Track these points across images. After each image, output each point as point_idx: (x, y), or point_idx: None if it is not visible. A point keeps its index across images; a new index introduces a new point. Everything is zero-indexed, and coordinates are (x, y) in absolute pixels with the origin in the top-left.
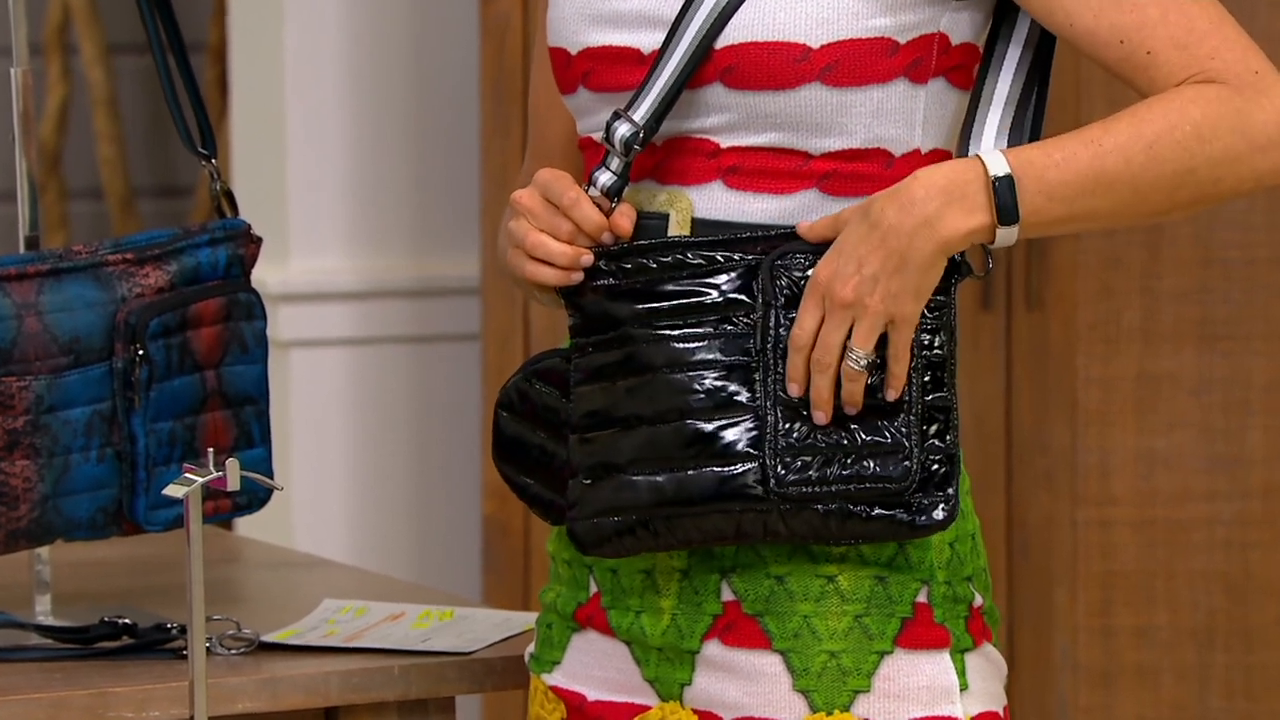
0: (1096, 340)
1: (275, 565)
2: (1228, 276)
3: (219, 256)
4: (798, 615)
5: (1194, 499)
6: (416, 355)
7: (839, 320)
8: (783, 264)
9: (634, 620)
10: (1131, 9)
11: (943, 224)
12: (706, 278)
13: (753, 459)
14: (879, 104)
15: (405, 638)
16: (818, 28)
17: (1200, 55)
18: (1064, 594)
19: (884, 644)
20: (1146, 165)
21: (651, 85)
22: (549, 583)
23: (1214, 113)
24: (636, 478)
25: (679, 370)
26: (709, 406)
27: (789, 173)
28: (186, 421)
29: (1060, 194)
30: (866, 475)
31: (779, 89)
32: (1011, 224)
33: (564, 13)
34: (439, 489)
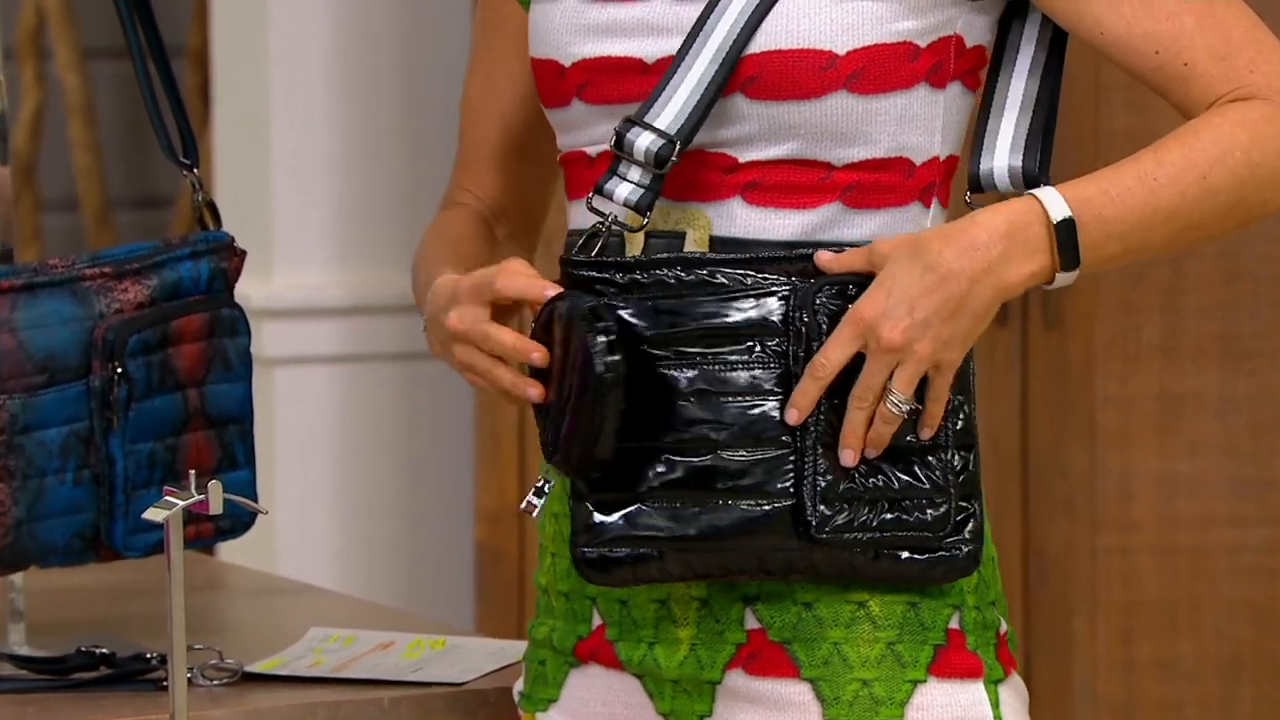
0: (1116, 358)
1: (259, 592)
2: (1254, 291)
3: (201, 270)
4: (828, 642)
5: (1219, 524)
6: (406, 373)
7: (884, 363)
8: (828, 294)
9: (647, 652)
10: (1166, 18)
11: (1006, 270)
12: (734, 300)
13: (788, 497)
14: (902, 111)
15: (395, 668)
16: (843, 34)
17: (1239, 67)
18: (1083, 624)
19: (917, 672)
20: (1200, 196)
21: (671, 94)
22: (537, 617)
23: (1262, 134)
24: (656, 509)
25: (706, 398)
26: (741, 439)
27: (811, 186)
28: (167, 442)
29: (1117, 231)
30: (907, 523)
31: (804, 98)
32: (1073, 269)
33: (553, 23)
34: (430, 513)
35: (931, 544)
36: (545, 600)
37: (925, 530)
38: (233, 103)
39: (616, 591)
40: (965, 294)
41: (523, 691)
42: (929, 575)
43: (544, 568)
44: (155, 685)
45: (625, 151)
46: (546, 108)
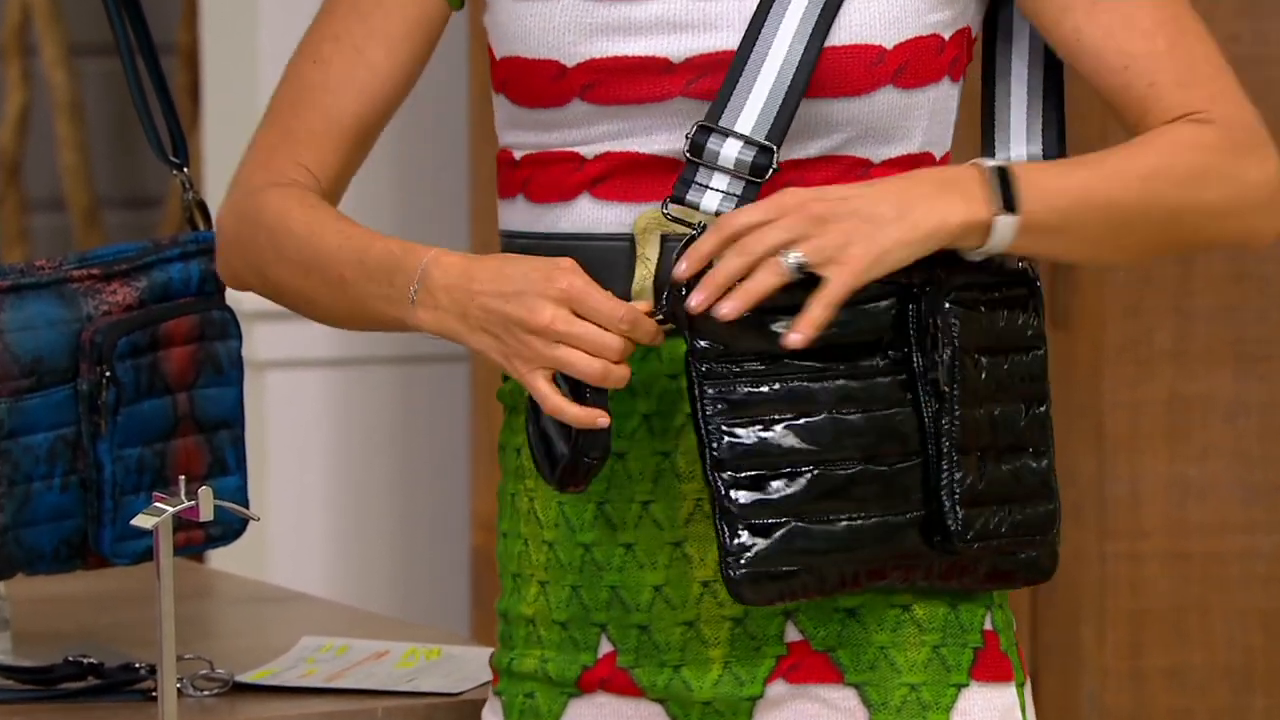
0: (1125, 362)
1: (250, 600)
2: (1265, 293)
3: (191, 272)
4: (873, 646)
5: (1230, 531)
6: (401, 377)
7: (793, 228)
8: (954, 298)
9: (673, 676)
10: (1142, 36)
11: (941, 200)
12: (863, 307)
13: (927, 504)
14: (933, 104)
15: (389, 678)
16: (891, 26)
17: (1199, 98)
18: (1091, 633)
19: (960, 676)
20: (1142, 196)
21: (746, 96)
22: (513, 649)
23: (1208, 161)
24: (811, 525)
25: (848, 408)
26: (882, 447)
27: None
28: (156, 447)
29: (1056, 203)
30: (1032, 521)
31: (854, 95)
32: (1011, 212)
33: (550, 23)
34: (425, 519)
35: (1037, 544)
36: (528, 631)
37: (1038, 531)
38: (223, 101)
39: (635, 617)
40: (903, 210)
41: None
42: (1023, 577)
43: (527, 597)
44: (144, 696)
45: (705, 159)
46: (524, 106)
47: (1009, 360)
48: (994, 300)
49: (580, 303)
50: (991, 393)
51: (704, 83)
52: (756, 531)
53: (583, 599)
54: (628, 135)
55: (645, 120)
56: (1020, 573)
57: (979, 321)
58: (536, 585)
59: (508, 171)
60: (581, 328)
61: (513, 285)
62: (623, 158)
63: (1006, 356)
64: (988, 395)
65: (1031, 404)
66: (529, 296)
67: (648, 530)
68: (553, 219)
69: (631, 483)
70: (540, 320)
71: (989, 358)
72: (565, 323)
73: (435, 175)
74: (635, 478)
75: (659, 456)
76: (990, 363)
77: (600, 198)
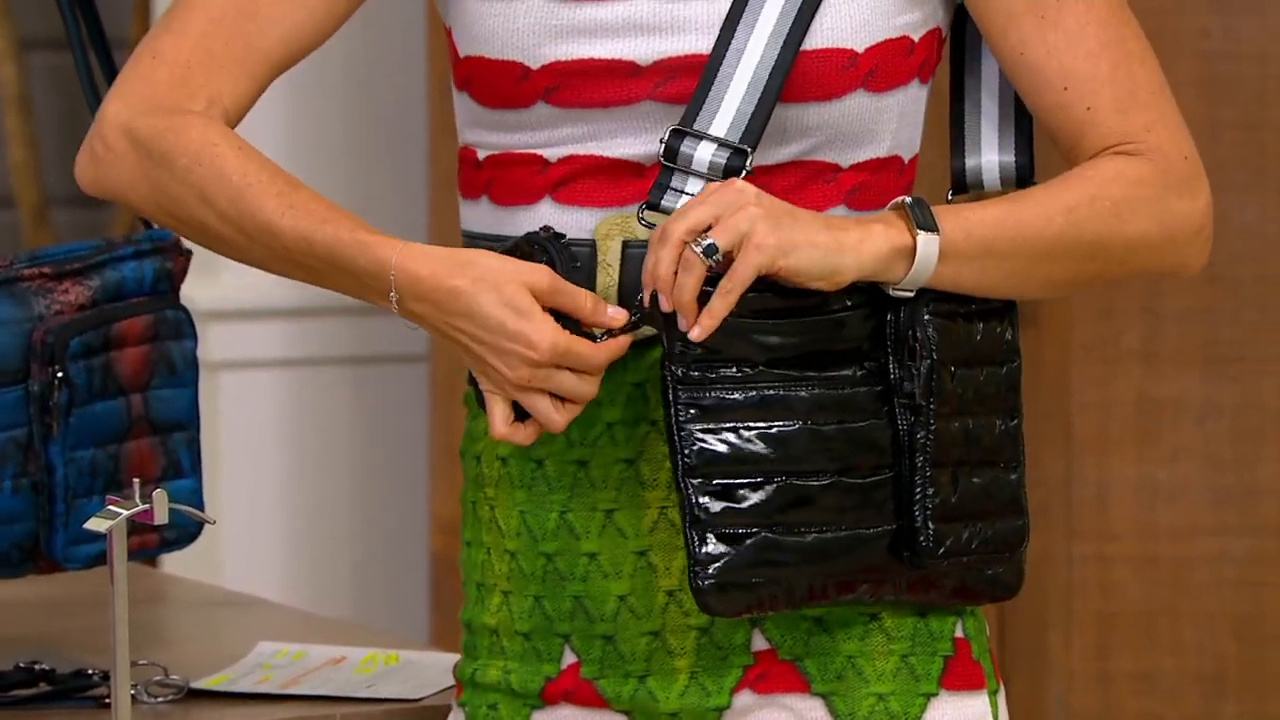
0: (1094, 362)
1: (205, 605)
2: (1237, 294)
3: (145, 271)
4: (841, 655)
5: (1200, 534)
6: (358, 377)
7: (714, 201)
8: (939, 309)
9: (638, 687)
10: (1085, 57)
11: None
12: (839, 317)
13: (899, 517)
14: (902, 108)
15: (347, 684)
16: (861, 30)
17: (1136, 125)
18: (1058, 637)
19: (930, 685)
20: (1065, 229)
21: (720, 99)
22: (476, 659)
23: (1135, 195)
24: (782, 535)
25: (823, 418)
26: (857, 458)
27: (818, 189)
28: (110, 449)
29: (977, 232)
30: (1002, 537)
31: (825, 99)
32: (931, 230)
33: (514, 24)
34: (383, 523)
35: (1005, 560)
36: (491, 641)
37: (1008, 548)
38: None
39: (599, 627)
40: (819, 222)
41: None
42: (989, 594)
43: (490, 607)
44: (97, 703)
45: (680, 163)
46: (487, 106)
47: (984, 373)
48: (971, 312)
49: (564, 358)
50: (967, 406)
51: (672, 86)
52: (725, 540)
53: (546, 609)
54: (592, 139)
55: (611, 124)
56: (986, 590)
57: (957, 333)
58: (499, 595)
59: (470, 171)
60: (559, 381)
61: (490, 335)
62: (586, 161)
63: (982, 369)
64: (963, 408)
65: (1005, 417)
66: (506, 355)
67: (611, 539)
68: (516, 222)
69: (594, 491)
70: (518, 377)
71: (965, 370)
72: (543, 380)
73: (393, 170)
74: (598, 485)
75: (622, 464)
76: (966, 375)
77: (562, 202)
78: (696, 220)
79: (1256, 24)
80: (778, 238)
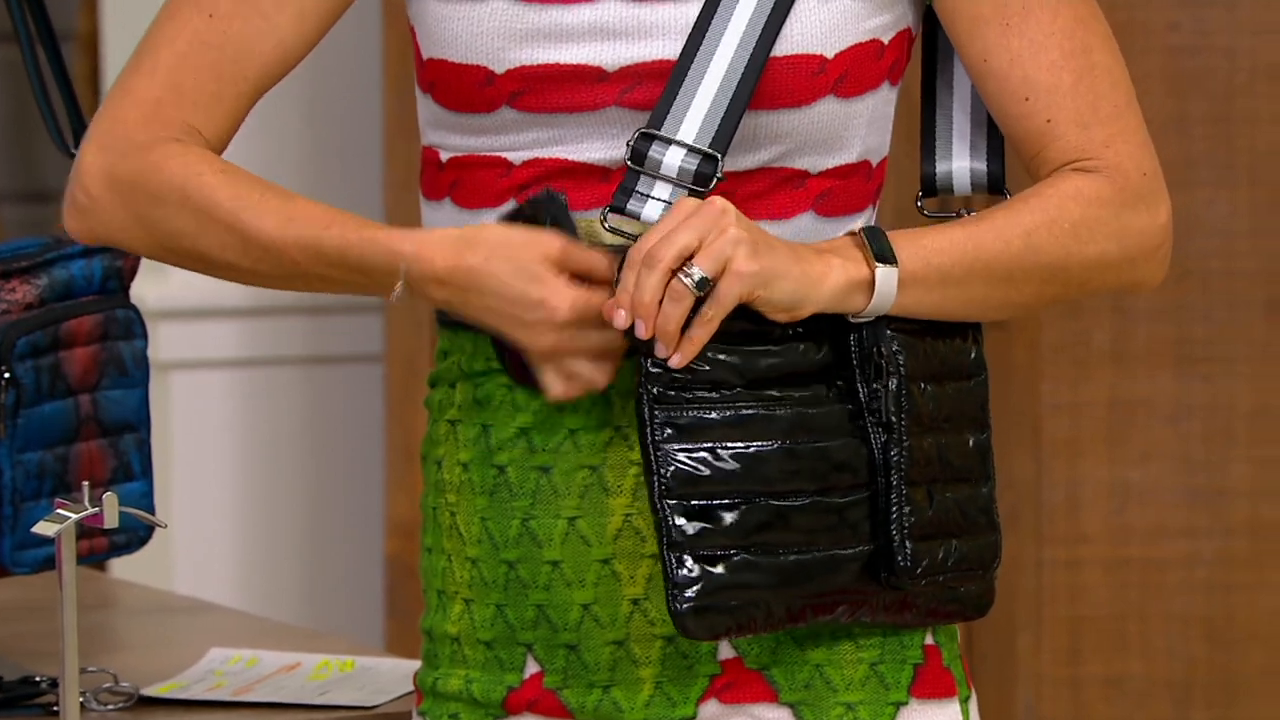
0: (1064, 363)
1: (156, 611)
2: (1208, 292)
3: (94, 269)
4: (809, 665)
5: (1171, 536)
6: (311, 378)
7: (695, 224)
8: (897, 326)
9: (602, 697)
10: (1048, 68)
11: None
12: (807, 336)
13: (876, 537)
14: (872, 112)
15: (301, 690)
16: (830, 35)
17: (1096, 140)
18: (1028, 641)
19: (899, 694)
20: (1023, 253)
21: (688, 104)
22: (437, 667)
23: (1093, 215)
24: (759, 557)
25: (801, 438)
26: (832, 479)
27: (786, 195)
28: (58, 451)
29: (935, 260)
30: (976, 555)
31: (794, 106)
32: (890, 263)
33: (479, 27)
34: (337, 526)
35: (977, 578)
36: (452, 649)
37: (981, 565)
38: None
39: (563, 636)
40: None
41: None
42: (961, 612)
43: (450, 615)
44: (45, 710)
45: (647, 168)
46: (451, 110)
47: (953, 388)
48: (935, 328)
49: (587, 315)
50: (938, 422)
51: (639, 92)
52: (703, 562)
53: (508, 618)
54: (558, 143)
55: (577, 129)
56: (958, 610)
57: (922, 350)
58: (461, 603)
59: (433, 171)
60: (588, 340)
61: (512, 307)
62: (551, 164)
63: (950, 385)
64: (934, 425)
65: (975, 432)
66: (531, 326)
67: (574, 547)
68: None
69: (558, 498)
70: (547, 343)
71: (934, 386)
72: (572, 341)
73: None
74: (561, 492)
75: (586, 470)
76: (936, 391)
77: None
78: (685, 246)
79: (1225, 17)
80: (759, 265)
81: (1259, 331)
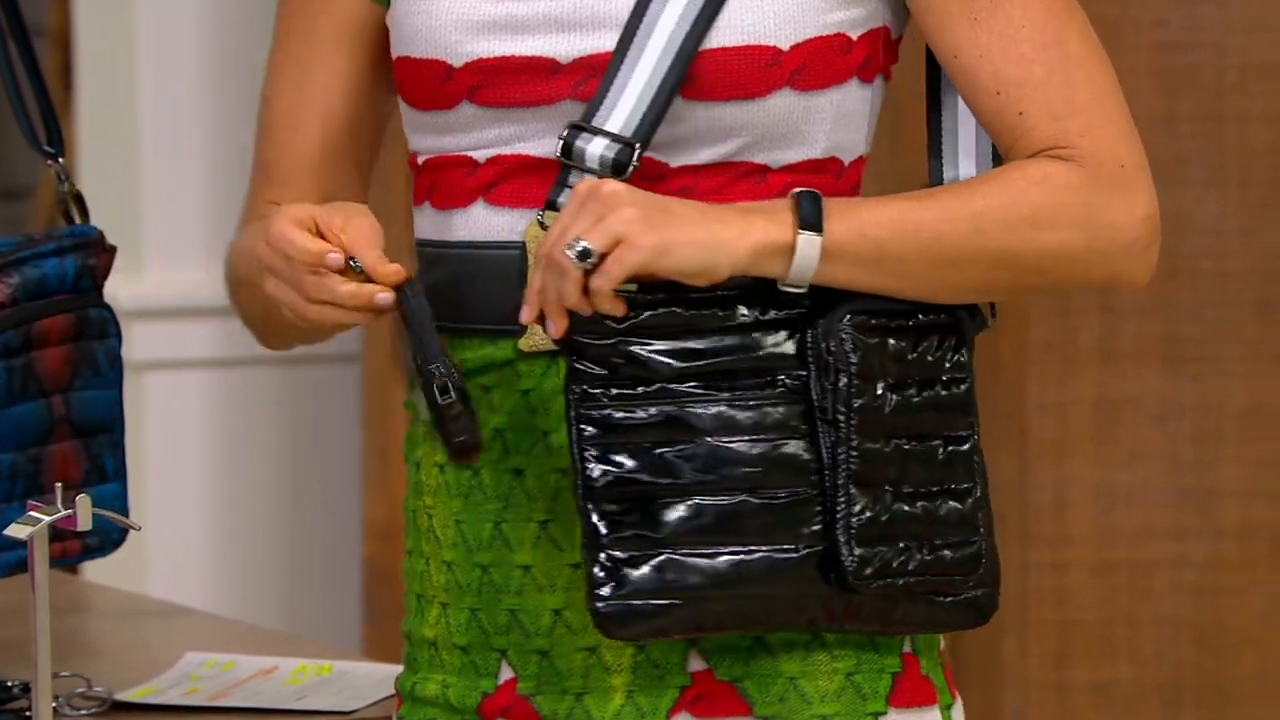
0: (1050, 362)
1: (130, 614)
2: (1197, 290)
3: (67, 267)
4: (783, 677)
5: (1159, 538)
6: (288, 378)
7: (590, 209)
8: (852, 322)
9: (574, 704)
10: (1018, 60)
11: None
12: (754, 332)
13: (819, 540)
14: (838, 108)
15: (278, 695)
16: (786, 26)
17: (1070, 130)
18: (1013, 645)
19: (877, 704)
20: (968, 234)
21: (619, 95)
22: (416, 672)
23: (1057, 201)
24: (687, 557)
25: (734, 436)
26: (770, 478)
27: (745, 192)
28: (30, 453)
29: (871, 232)
30: (944, 562)
31: (748, 98)
32: (815, 230)
33: (436, 21)
34: (314, 528)
35: (959, 586)
36: (430, 654)
37: (958, 572)
38: (97, 86)
39: (535, 641)
40: (695, 215)
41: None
42: (954, 621)
43: (428, 619)
44: (17, 716)
45: (575, 160)
46: (418, 109)
47: (922, 394)
48: (904, 328)
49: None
50: (900, 426)
51: (591, 85)
52: (626, 563)
53: (482, 622)
54: (519, 139)
55: (536, 124)
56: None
57: (883, 350)
58: (438, 607)
59: (416, 177)
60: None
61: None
62: (513, 161)
63: (919, 389)
64: (895, 428)
65: (950, 442)
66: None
67: (546, 551)
68: (451, 226)
69: (529, 502)
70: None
71: (897, 389)
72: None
73: None
74: (533, 496)
75: (557, 474)
76: (898, 395)
77: (493, 203)
78: (574, 231)
79: (1215, 13)
80: (655, 238)
81: (1249, 330)
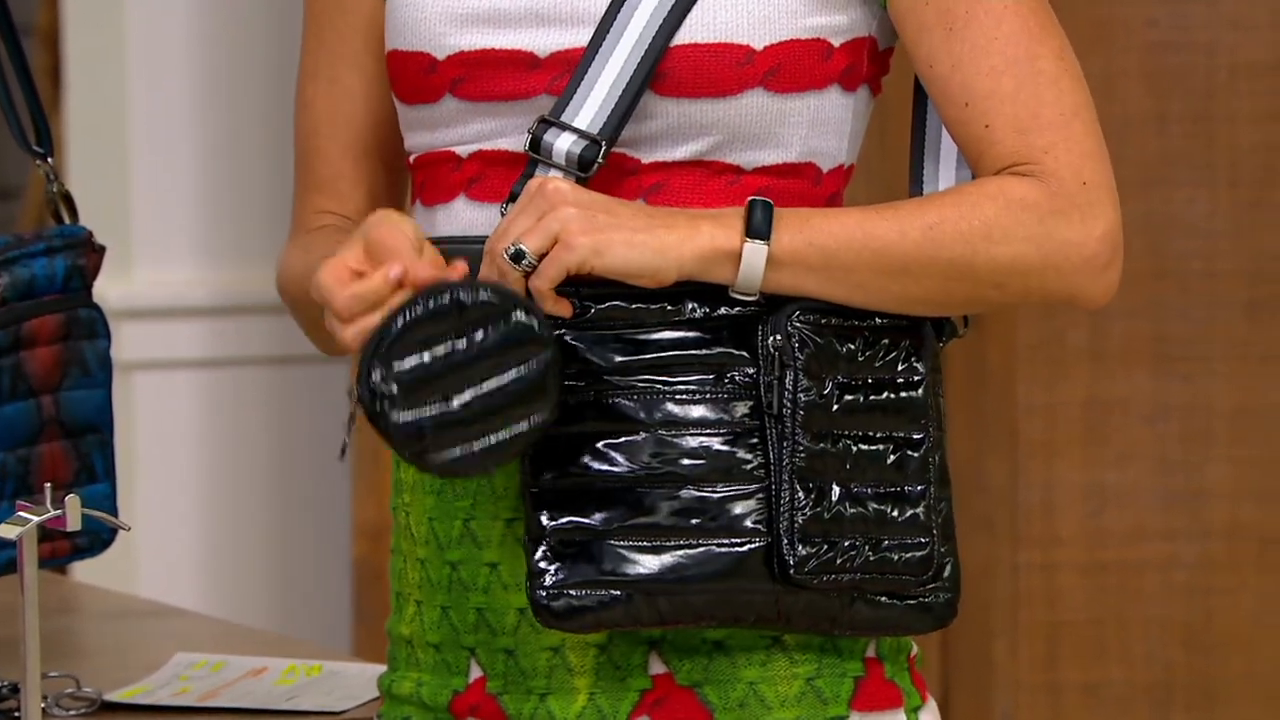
0: (1039, 363)
1: (120, 615)
2: (1186, 290)
3: (56, 268)
4: (742, 682)
5: (1149, 539)
6: (278, 378)
7: (534, 207)
8: (801, 318)
9: (539, 705)
10: (988, 73)
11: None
12: (700, 327)
13: (762, 536)
14: (815, 113)
15: (268, 695)
16: (760, 26)
17: (1035, 146)
18: (1004, 647)
19: (839, 708)
20: (921, 244)
21: (588, 90)
22: (395, 670)
23: (1011, 217)
24: (623, 549)
25: (675, 430)
26: (713, 473)
27: (719, 191)
28: (20, 453)
29: (820, 240)
30: (890, 564)
31: (719, 96)
32: (762, 239)
33: (423, 13)
34: (304, 528)
35: (911, 589)
36: (408, 652)
37: (908, 573)
38: (86, 86)
39: (501, 640)
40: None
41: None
42: (907, 624)
43: (405, 617)
44: (6, 717)
45: (542, 154)
46: (406, 104)
47: (872, 396)
48: (857, 329)
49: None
50: (849, 425)
51: (566, 80)
52: (566, 556)
53: (452, 620)
54: (500, 134)
55: (515, 119)
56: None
57: (834, 349)
58: (413, 604)
59: (411, 177)
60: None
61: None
62: (493, 155)
63: (871, 391)
64: (844, 427)
65: (902, 444)
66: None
67: (512, 549)
68: (435, 222)
69: (497, 500)
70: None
71: (847, 389)
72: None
73: None
74: (500, 494)
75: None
76: (849, 395)
77: (475, 199)
78: (517, 231)
79: (1205, 12)
80: (592, 237)
81: (1238, 331)
